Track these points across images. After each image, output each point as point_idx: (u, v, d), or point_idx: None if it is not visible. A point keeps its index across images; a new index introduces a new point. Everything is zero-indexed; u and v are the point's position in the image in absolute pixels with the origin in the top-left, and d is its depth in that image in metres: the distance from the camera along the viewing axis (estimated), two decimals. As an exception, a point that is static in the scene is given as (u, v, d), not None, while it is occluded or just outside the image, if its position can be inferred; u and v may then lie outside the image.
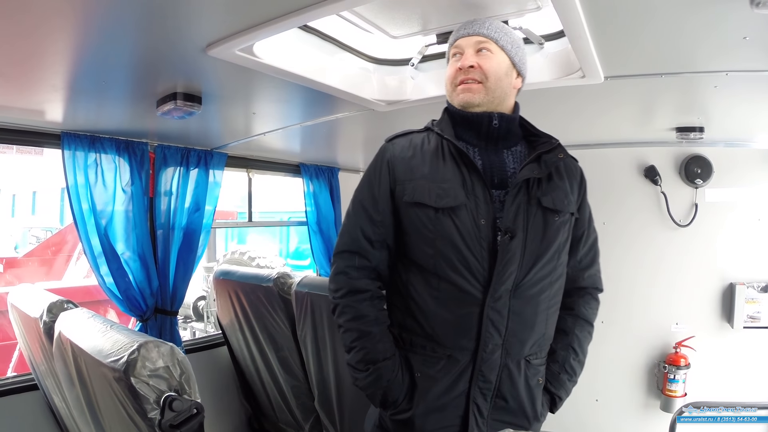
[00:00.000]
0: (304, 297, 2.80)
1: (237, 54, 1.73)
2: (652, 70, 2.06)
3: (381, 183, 1.59)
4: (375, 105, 2.47)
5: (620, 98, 2.52)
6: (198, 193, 3.33)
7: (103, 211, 2.85)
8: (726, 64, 1.97)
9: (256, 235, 9.08)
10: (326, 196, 4.54)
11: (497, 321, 1.46)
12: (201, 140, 3.24)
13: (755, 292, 3.37)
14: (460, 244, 1.46)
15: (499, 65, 1.55)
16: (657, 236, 3.56)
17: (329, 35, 2.18)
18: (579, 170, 1.68)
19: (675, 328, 3.54)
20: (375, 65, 2.42)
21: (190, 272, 3.31)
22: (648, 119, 3.03)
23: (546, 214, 1.51)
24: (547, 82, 2.16)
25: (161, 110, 2.25)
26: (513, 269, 1.45)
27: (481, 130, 1.55)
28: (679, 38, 1.78)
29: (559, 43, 2.13)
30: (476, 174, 1.48)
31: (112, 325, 1.67)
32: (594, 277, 1.74)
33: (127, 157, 2.93)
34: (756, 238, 3.43)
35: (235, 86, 2.24)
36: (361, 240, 1.59)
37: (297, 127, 3.02)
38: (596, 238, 1.74)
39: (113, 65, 1.86)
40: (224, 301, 3.38)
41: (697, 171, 3.48)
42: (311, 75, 2.06)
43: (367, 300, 1.57)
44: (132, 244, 2.97)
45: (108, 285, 2.90)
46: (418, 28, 2.03)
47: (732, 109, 2.70)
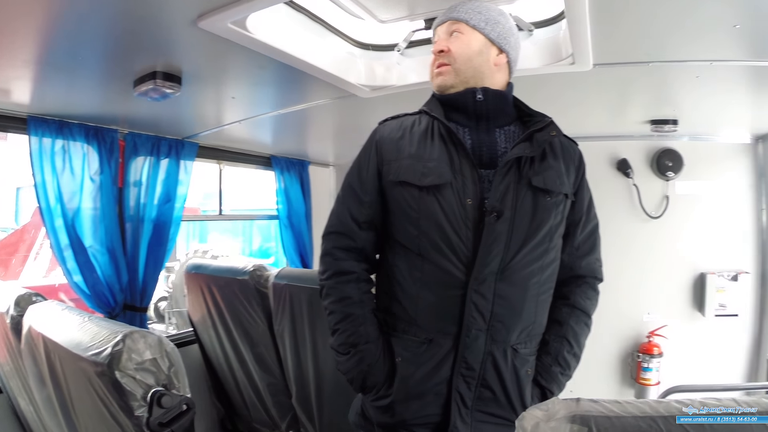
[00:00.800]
0: (282, 289, 2.71)
1: (229, 27, 1.67)
2: (640, 58, 2.09)
3: (369, 164, 1.56)
4: (359, 90, 2.43)
5: (602, 88, 2.55)
6: (169, 183, 3.21)
7: (70, 201, 2.70)
8: (712, 53, 2.01)
9: (218, 233, 8.86)
10: (297, 189, 4.48)
11: (481, 305, 1.41)
12: (173, 128, 3.13)
13: (725, 281, 3.49)
14: (444, 223, 1.42)
15: (468, 45, 1.52)
16: (629, 228, 3.65)
17: (318, 16, 2.14)
18: (578, 152, 1.62)
19: (647, 318, 3.64)
20: (361, 50, 2.39)
21: (160, 266, 3.18)
22: (625, 111, 3.11)
23: (536, 194, 1.45)
24: (536, 68, 2.18)
25: (139, 90, 2.15)
26: (499, 251, 1.40)
27: (468, 108, 1.52)
28: (669, 23, 1.80)
29: (548, 30, 2.16)
30: (464, 153, 1.44)
31: (90, 316, 1.56)
32: (593, 266, 1.64)
33: (96, 145, 2.79)
34: (725, 229, 3.56)
35: (219, 65, 2.15)
36: (348, 221, 1.56)
37: (271, 116, 2.96)
38: (597, 225, 1.66)
39: (90, 38, 1.75)
40: (196, 297, 3.25)
41: (669, 164, 3.60)
42: (300, 55, 2.01)
43: (352, 282, 1.54)
44: (100, 236, 2.84)
45: (75, 280, 2.76)
46: (405, 13, 2.02)
47: (706, 102, 2.78)
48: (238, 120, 3.02)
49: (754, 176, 3.54)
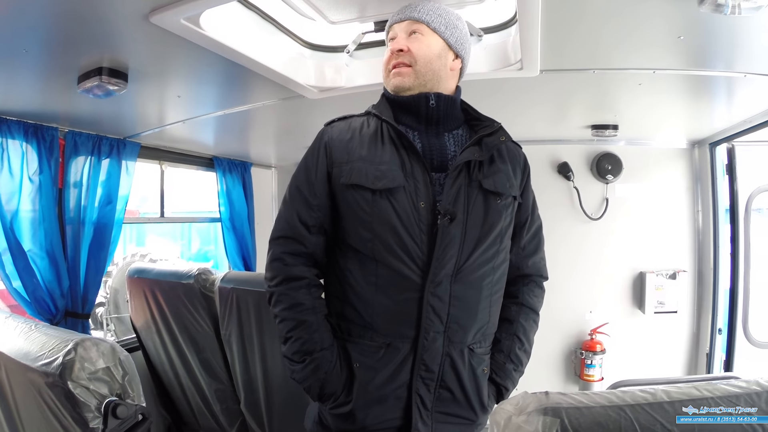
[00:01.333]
0: (228, 293, 2.66)
1: (182, 23, 1.63)
2: (586, 65, 2.16)
3: (318, 166, 1.53)
4: (307, 91, 2.41)
5: (547, 94, 2.63)
6: (110, 184, 3.10)
7: (8, 202, 2.57)
8: (656, 62, 2.10)
9: (155, 236, 8.56)
10: (239, 191, 4.42)
11: (438, 307, 1.42)
12: (114, 127, 3.03)
13: (664, 279, 3.67)
14: (398, 227, 1.42)
15: (429, 47, 1.53)
16: (570, 229, 3.79)
17: (270, 15, 2.12)
18: (522, 156, 1.66)
19: (589, 316, 3.78)
20: (311, 50, 2.37)
21: (102, 271, 3.07)
22: (567, 116, 3.21)
23: (487, 196, 1.48)
24: (485, 73, 2.21)
25: (83, 87, 2.06)
26: (453, 253, 1.42)
27: (420, 113, 1.52)
28: (617, 33, 1.87)
29: (498, 35, 2.19)
30: (415, 156, 1.45)
31: (36, 324, 1.49)
32: (538, 265, 1.70)
33: (35, 144, 2.66)
34: (663, 230, 3.74)
35: (167, 62, 2.09)
36: (297, 225, 1.52)
37: (216, 116, 2.90)
38: (540, 225, 1.72)
39: (32, 27, 1.66)
40: (139, 302, 3.14)
41: (608, 167, 3.76)
42: (250, 54, 1.98)
43: (304, 288, 1.50)
44: (40, 239, 2.70)
45: (14, 286, 2.63)
46: (355, 15, 2.01)
47: (646, 109, 2.90)
48: (183, 119, 2.95)
49: (690, 180, 3.73)
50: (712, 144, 3.52)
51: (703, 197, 3.67)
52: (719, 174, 3.54)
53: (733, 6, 1.45)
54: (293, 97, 2.51)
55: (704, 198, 3.65)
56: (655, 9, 1.64)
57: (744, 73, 2.15)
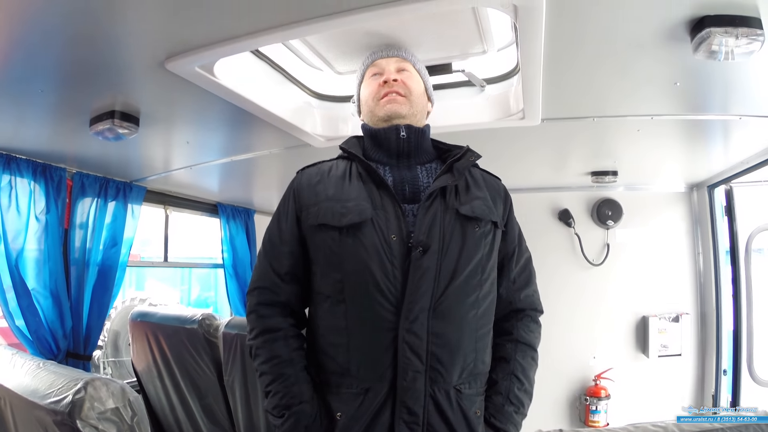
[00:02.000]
0: (232, 339, 2.64)
1: (196, 71, 1.68)
2: (586, 113, 2.22)
3: (288, 213, 1.52)
4: (314, 140, 2.46)
5: (547, 142, 2.69)
6: (115, 227, 3.13)
7: (15, 240, 2.59)
8: (654, 108, 2.17)
9: (155, 281, 8.47)
10: (242, 238, 4.46)
11: (415, 344, 1.33)
12: (121, 171, 3.08)
13: (667, 323, 3.65)
14: (368, 263, 1.35)
15: (418, 84, 1.60)
16: (572, 275, 3.80)
17: (279, 65, 2.18)
18: (502, 187, 1.61)
19: (593, 362, 3.74)
20: (318, 100, 2.43)
21: (105, 313, 3.07)
22: (567, 163, 3.27)
23: (464, 223, 1.41)
24: (488, 122, 2.27)
25: (95, 129, 2.11)
26: (428, 286, 1.34)
27: (391, 145, 1.52)
28: (616, 81, 1.93)
29: (499, 86, 2.26)
30: (385, 189, 1.41)
31: (43, 362, 1.49)
32: (531, 298, 1.59)
33: (43, 183, 2.70)
34: (664, 274, 3.75)
35: (179, 109, 2.15)
36: (270, 274, 1.49)
37: (222, 162, 2.96)
38: (529, 257, 1.63)
39: (49, 68, 1.71)
40: (141, 345, 3.13)
41: (608, 213, 3.80)
42: (261, 102, 2.04)
43: (280, 339, 1.45)
44: (44, 279, 2.70)
45: (17, 324, 2.62)
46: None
47: (645, 154, 2.96)
48: (189, 165, 3.00)
49: (690, 222, 3.76)
50: (710, 186, 3.56)
51: (703, 239, 3.69)
52: (718, 216, 3.56)
53: (726, 52, 1.50)
54: (299, 145, 2.56)
55: (704, 240, 3.67)
56: (652, 57, 1.70)
57: (739, 116, 2.20)
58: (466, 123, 2.26)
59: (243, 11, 1.44)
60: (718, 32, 1.43)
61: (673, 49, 1.60)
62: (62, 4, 1.34)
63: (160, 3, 1.37)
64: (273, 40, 1.60)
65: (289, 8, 1.43)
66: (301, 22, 1.49)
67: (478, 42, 1.87)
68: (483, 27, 1.78)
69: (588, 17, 1.50)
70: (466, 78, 2.20)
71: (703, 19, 1.43)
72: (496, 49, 1.97)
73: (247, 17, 1.47)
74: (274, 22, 1.50)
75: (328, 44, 1.91)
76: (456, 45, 1.92)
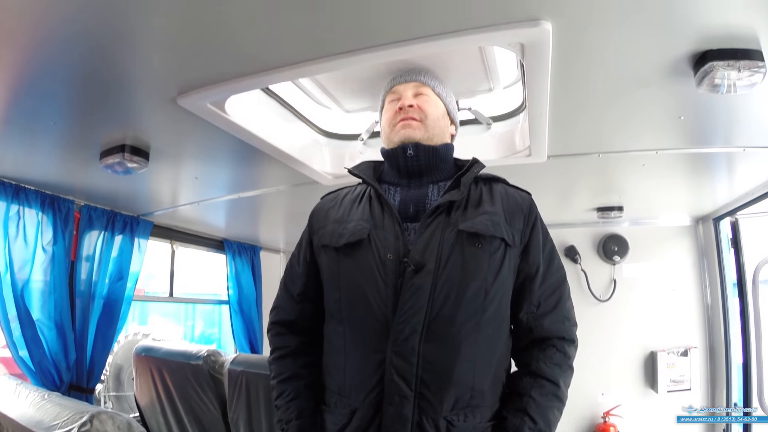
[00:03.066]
0: (238, 376, 2.62)
1: (208, 107, 1.72)
2: (591, 149, 2.24)
3: (304, 237, 1.56)
4: (322, 177, 2.49)
5: (553, 178, 2.70)
6: (122, 261, 3.15)
7: (21, 270, 2.60)
8: (658, 142, 2.19)
9: (159, 316, 8.40)
10: (248, 275, 4.47)
11: (402, 368, 1.26)
12: (129, 205, 3.11)
13: (675, 357, 3.60)
14: (362, 282, 1.33)
15: (436, 107, 1.57)
16: (579, 312, 3.65)
17: (288, 103, 2.21)
18: (527, 200, 1.51)
19: (602, 399, 3.69)
20: (326, 138, 2.46)
21: (109, 346, 3.06)
22: (573, 199, 3.28)
23: (465, 241, 1.32)
24: (494, 160, 2.29)
25: (105, 162, 2.14)
26: (420, 306, 1.27)
27: (399, 164, 1.50)
28: (621, 117, 1.95)
29: (506, 123, 2.28)
30: (388, 208, 1.39)
31: (47, 393, 1.48)
32: (560, 325, 1.40)
33: (51, 214, 2.72)
34: (672, 308, 3.72)
35: (188, 144, 2.18)
36: (285, 295, 1.55)
37: (229, 198, 2.98)
38: (561, 279, 1.46)
39: (60, 101, 1.75)
40: (145, 380, 3.10)
41: (614, 248, 3.80)
42: (270, 139, 2.07)
43: (288, 356, 1.49)
44: (49, 310, 2.70)
45: (21, 354, 2.60)
46: (369, 104, 2.08)
47: (650, 188, 2.98)
48: (196, 201, 3.03)
49: (696, 255, 3.74)
50: (715, 219, 3.55)
51: (710, 272, 3.66)
52: (725, 248, 3.55)
53: (729, 85, 1.51)
54: (307, 183, 2.59)
55: (711, 273, 3.65)
56: (656, 93, 1.72)
57: (743, 147, 2.21)
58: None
59: (255, 50, 1.48)
60: (720, 66, 1.45)
61: (677, 83, 1.63)
62: (78, 40, 1.38)
63: (174, 41, 1.41)
64: (283, 78, 1.64)
65: (300, 47, 1.47)
66: (310, 61, 1.53)
67: (485, 80, 1.90)
68: (489, 65, 1.81)
69: (593, 54, 1.52)
70: (472, 116, 2.23)
71: (705, 53, 1.46)
72: (502, 86, 1.99)
73: (258, 56, 1.51)
74: (285, 61, 1.53)
75: (336, 83, 1.94)
76: (463, 83, 1.93)
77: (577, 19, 1.35)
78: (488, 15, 1.34)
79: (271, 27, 1.37)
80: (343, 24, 1.37)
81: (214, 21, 1.33)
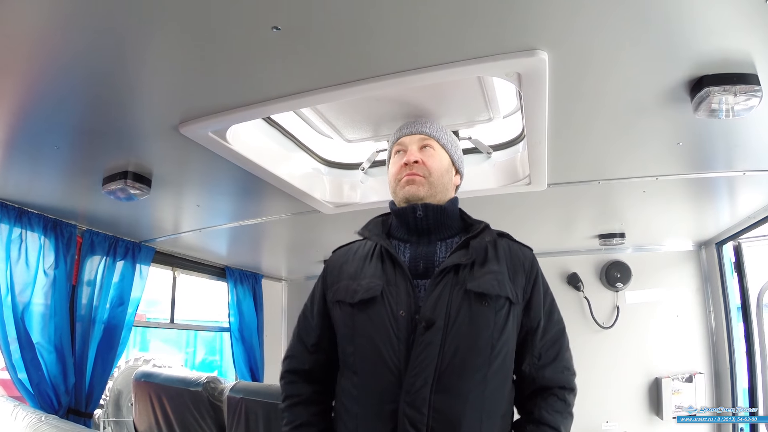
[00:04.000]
0: (237, 403, 2.62)
1: (209, 136, 1.74)
2: (591, 176, 2.26)
3: (317, 290, 1.60)
4: (323, 206, 2.51)
5: (554, 206, 2.71)
6: (123, 286, 3.16)
7: (22, 293, 2.61)
8: (658, 168, 2.19)
9: (160, 342, 8.38)
10: (250, 302, 4.48)
11: (415, 418, 1.31)
12: (131, 231, 3.13)
13: (680, 383, 3.56)
14: (375, 337, 1.38)
15: (441, 162, 1.59)
16: (582, 340, 3.74)
17: (290, 132, 2.23)
18: (529, 257, 1.55)
19: (606, 426, 3.64)
20: (327, 167, 2.49)
21: (109, 371, 3.05)
22: (574, 226, 3.29)
23: (473, 299, 1.38)
24: (494, 189, 2.31)
25: (107, 188, 2.16)
26: (430, 361, 1.33)
27: (409, 224, 1.53)
28: (620, 145, 1.97)
29: (505, 152, 2.29)
30: (399, 267, 1.44)
31: (45, 416, 1.47)
32: (559, 375, 1.49)
33: (53, 238, 2.74)
34: (676, 333, 3.68)
35: (190, 172, 2.20)
36: (298, 345, 1.59)
37: (231, 226, 3.00)
38: (561, 330, 1.54)
39: (65, 126, 1.77)
40: (144, 406, 3.08)
41: (617, 275, 3.79)
42: (271, 168, 2.08)
43: (301, 404, 1.52)
44: (49, 333, 2.70)
45: (20, 377, 2.59)
46: (370, 134, 2.10)
47: (651, 214, 2.98)
48: (198, 228, 3.05)
49: (700, 281, 3.72)
50: (718, 243, 3.54)
51: (713, 297, 3.63)
52: (728, 272, 3.52)
53: (726, 110, 1.53)
54: (308, 211, 2.61)
55: (715, 298, 3.61)
56: (653, 119, 1.74)
57: (743, 171, 2.21)
58: (473, 189, 2.29)
59: (256, 80, 1.50)
60: (716, 91, 1.47)
61: (674, 109, 1.64)
62: (82, 69, 1.42)
63: (177, 70, 1.44)
64: (284, 108, 1.66)
65: (301, 78, 1.50)
66: (311, 92, 1.56)
67: (484, 110, 1.91)
68: (488, 95, 1.82)
69: (590, 83, 1.54)
70: (473, 145, 2.25)
71: (701, 78, 1.48)
72: (501, 116, 2.01)
73: (260, 86, 1.53)
74: (286, 91, 1.56)
75: (337, 113, 1.96)
76: (462, 113, 1.95)
77: (572, 48, 1.37)
78: (485, 45, 1.37)
79: (271, 58, 1.39)
80: (342, 56, 1.40)
81: (216, 52, 1.36)
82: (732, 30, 1.30)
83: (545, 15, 1.23)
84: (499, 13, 1.22)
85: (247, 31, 1.27)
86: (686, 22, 1.26)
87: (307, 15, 1.22)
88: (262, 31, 1.26)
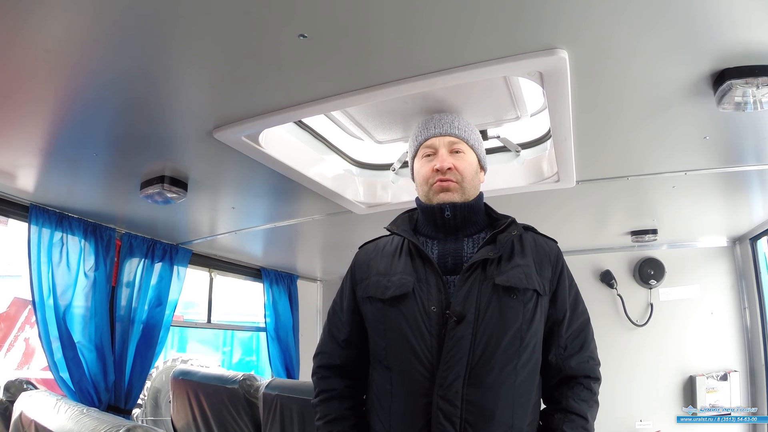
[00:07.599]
0: (273, 400, 2.67)
1: (243, 140, 1.79)
2: (620, 172, 2.25)
3: (346, 285, 1.63)
4: (355, 207, 2.55)
5: (584, 203, 2.71)
6: (161, 287, 3.24)
7: (63, 294, 2.70)
8: (686, 163, 2.18)
9: (197, 343, 8.53)
10: (285, 302, 4.54)
11: (449, 411, 1.34)
12: (168, 233, 3.21)
13: (715, 381, 3.50)
14: (407, 332, 1.41)
15: (471, 164, 1.59)
16: (616, 337, 3.71)
17: (321, 135, 2.28)
18: (554, 249, 1.59)
19: (640, 425, 3.60)
20: (359, 168, 2.52)
21: (147, 369, 3.14)
22: (606, 224, 3.27)
23: (501, 293, 1.41)
24: (524, 186, 2.32)
25: (145, 192, 2.23)
26: (462, 354, 1.36)
27: (437, 223, 1.55)
28: (646, 140, 1.96)
29: (533, 150, 2.30)
30: (429, 263, 1.46)
31: (86, 408, 1.53)
32: (585, 365, 1.51)
33: (93, 242, 2.84)
34: (710, 331, 3.62)
35: (225, 175, 2.26)
36: (330, 340, 1.61)
37: (266, 228, 3.06)
38: (586, 321, 1.57)
39: (103, 133, 1.85)
40: (181, 403, 3.17)
41: (650, 272, 3.74)
42: (303, 170, 2.13)
43: (334, 399, 1.54)
44: (90, 333, 2.80)
45: (61, 375, 2.69)
46: (400, 135, 2.13)
47: (683, 210, 2.94)
48: (234, 230, 3.12)
49: (734, 277, 3.65)
50: (752, 239, 3.48)
51: (748, 293, 3.57)
52: (763, 268, 3.48)
53: (755, 101, 1.52)
54: (341, 212, 2.66)
55: (750, 294, 3.56)
56: (678, 114, 1.73)
57: None
58: (503, 188, 2.31)
59: (286, 86, 1.55)
60: (738, 84, 1.46)
61: (698, 104, 1.64)
62: (121, 79, 1.48)
63: (211, 76, 1.50)
64: (316, 111, 1.70)
65: (329, 82, 1.54)
66: (342, 95, 1.59)
67: (511, 108, 1.93)
68: (515, 94, 1.84)
69: (612, 79, 1.55)
70: (501, 143, 2.26)
71: (723, 72, 1.47)
72: (529, 114, 2.02)
73: (290, 91, 1.58)
74: (317, 95, 1.60)
75: (367, 115, 1.99)
76: (490, 112, 1.97)
77: (592, 46, 1.39)
78: (504, 46, 1.39)
79: (299, 64, 1.44)
80: (368, 60, 1.44)
81: (246, 61, 1.41)
82: (753, 22, 1.29)
83: (559, 11, 1.25)
84: (515, 13, 1.24)
85: (274, 40, 1.32)
86: (706, 13, 1.26)
87: (332, 22, 1.26)
88: (289, 40, 1.31)
